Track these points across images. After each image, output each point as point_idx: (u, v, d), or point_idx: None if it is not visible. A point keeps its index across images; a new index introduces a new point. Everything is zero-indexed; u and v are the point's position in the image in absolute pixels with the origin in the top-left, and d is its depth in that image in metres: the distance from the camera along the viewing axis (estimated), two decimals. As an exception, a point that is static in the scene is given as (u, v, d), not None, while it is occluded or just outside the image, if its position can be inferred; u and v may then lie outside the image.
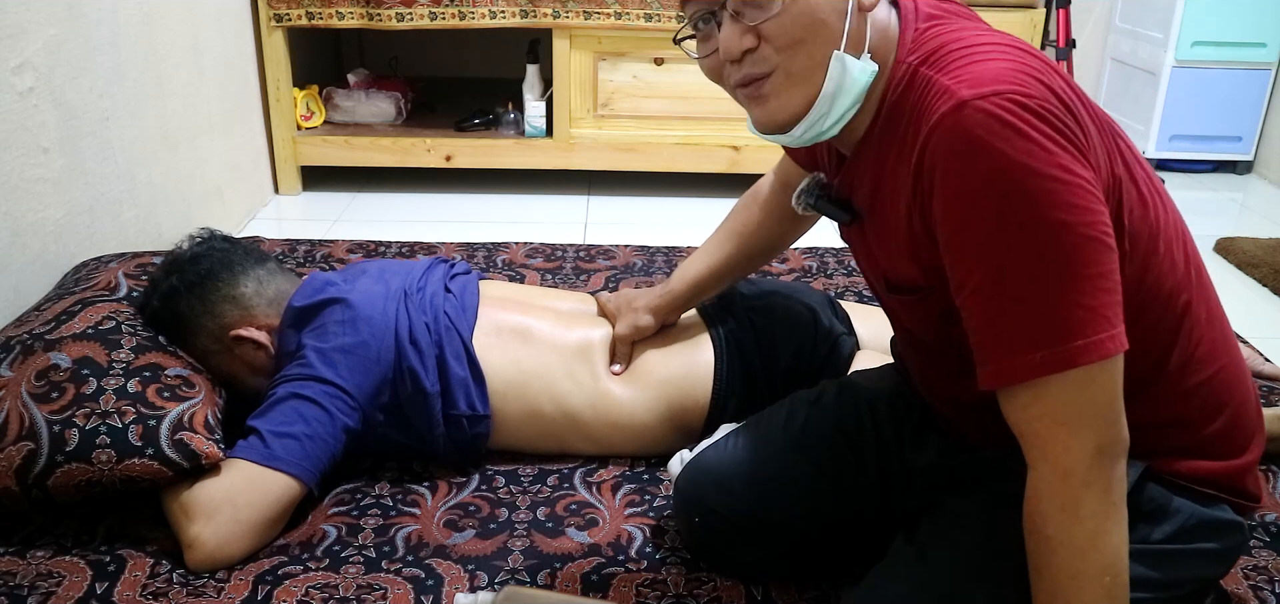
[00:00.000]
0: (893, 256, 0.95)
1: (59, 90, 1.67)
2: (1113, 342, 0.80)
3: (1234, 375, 0.98)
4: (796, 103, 0.89)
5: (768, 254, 1.44)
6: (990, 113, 0.78)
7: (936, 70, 0.86)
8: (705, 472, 1.21)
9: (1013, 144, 0.78)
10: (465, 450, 1.38)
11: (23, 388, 1.20)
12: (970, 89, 0.80)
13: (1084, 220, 0.79)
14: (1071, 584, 0.83)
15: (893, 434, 1.15)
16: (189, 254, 1.38)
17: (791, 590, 1.18)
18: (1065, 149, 0.79)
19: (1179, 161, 3.21)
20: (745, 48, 0.88)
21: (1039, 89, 0.80)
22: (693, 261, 1.43)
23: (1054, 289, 0.79)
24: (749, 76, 0.90)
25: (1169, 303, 0.91)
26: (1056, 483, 0.83)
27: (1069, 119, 0.81)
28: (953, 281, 0.86)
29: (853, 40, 0.88)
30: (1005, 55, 0.84)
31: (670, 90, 2.69)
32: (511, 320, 1.41)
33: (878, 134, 0.92)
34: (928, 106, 0.84)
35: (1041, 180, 0.78)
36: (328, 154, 2.71)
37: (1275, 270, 2.29)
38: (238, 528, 1.18)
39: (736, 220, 1.41)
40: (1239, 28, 3.01)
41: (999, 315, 0.82)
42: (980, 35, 0.88)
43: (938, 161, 0.82)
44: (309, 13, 2.54)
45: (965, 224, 0.82)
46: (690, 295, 1.43)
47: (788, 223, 1.38)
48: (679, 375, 1.40)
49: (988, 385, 0.84)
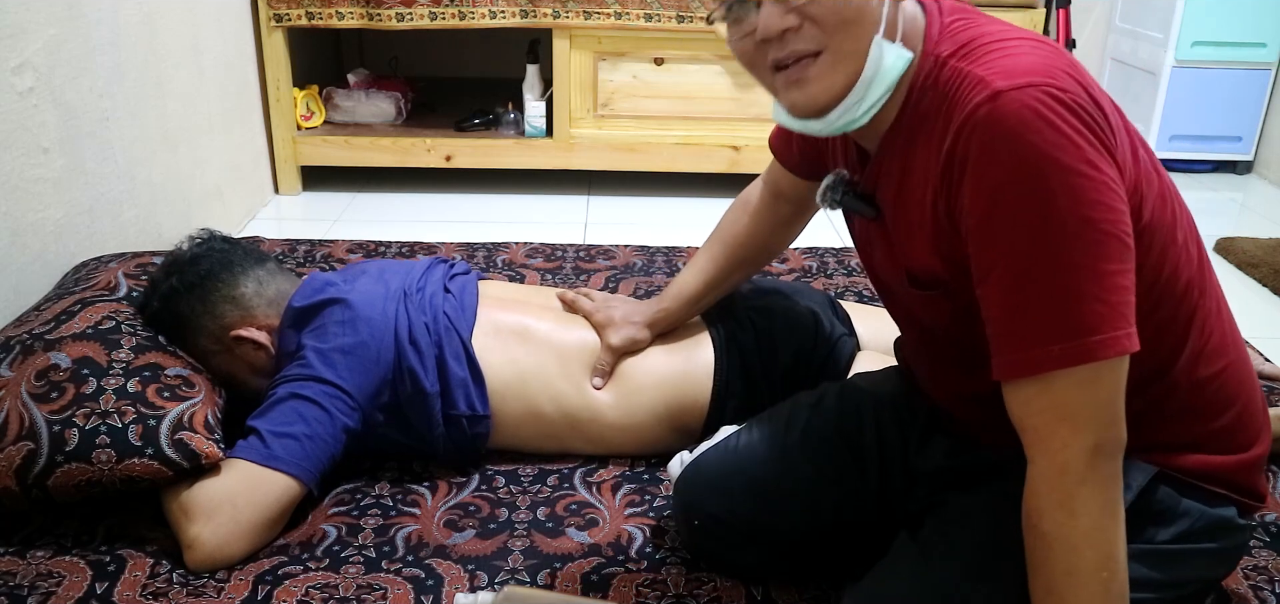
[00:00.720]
0: (916, 250, 0.94)
1: (59, 90, 1.67)
2: (1126, 340, 0.80)
3: (1242, 370, 0.98)
4: (839, 85, 0.88)
5: (759, 263, 1.44)
6: (1025, 103, 0.79)
7: (968, 62, 0.85)
8: (705, 475, 1.21)
9: (1044, 136, 0.78)
10: (465, 450, 1.38)
11: (23, 388, 1.20)
12: (1006, 80, 0.80)
13: (1108, 218, 0.79)
14: (1068, 580, 0.84)
15: (896, 438, 1.14)
16: (189, 255, 1.38)
17: (791, 591, 1.18)
18: (1094, 145, 0.80)
19: (1179, 161, 3.21)
20: (786, 27, 0.87)
21: (1072, 84, 0.81)
22: (686, 277, 1.42)
23: (1075, 283, 0.80)
24: (795, 53, 0.88)
25: (1183, 296, 0.92)
26: (1053, 478, 0.83)
27: (1099, 115, 0.81)
28: (975, 272, 0.86)
29: (889, 27, 0.88)
30: (1035, 50, 0.84)
31: (670, 90, 2.69)
32: (510, 320, 1.41)
33: (906, 125, 0.92)
34: (961, 97, 0.84)
35: (1069, 174, 0.78)
36: (328, 154, 2.71)
37: (1275, 270, 2.30)
38: (237, 528, 1.18)
39: (727, 230, 1.41)
40: (1239, 28, 3.01)
41: (1018, 307, 0.82)
42: (1008, 31, 0.88)
43: (971, 150, 0.82)
44: (309, 13, 2.54)
45: (991, 213, 0.82)
46: (684, 313, 1.43)
47: (779, 232, 1.38)
48: (679, 376, 1.40)
49: (1001, 376, 0.85)
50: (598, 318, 1.42)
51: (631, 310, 1.42)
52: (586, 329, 1.43)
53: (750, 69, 0.94)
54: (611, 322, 1.41)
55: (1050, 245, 0.80)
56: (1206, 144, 3.18)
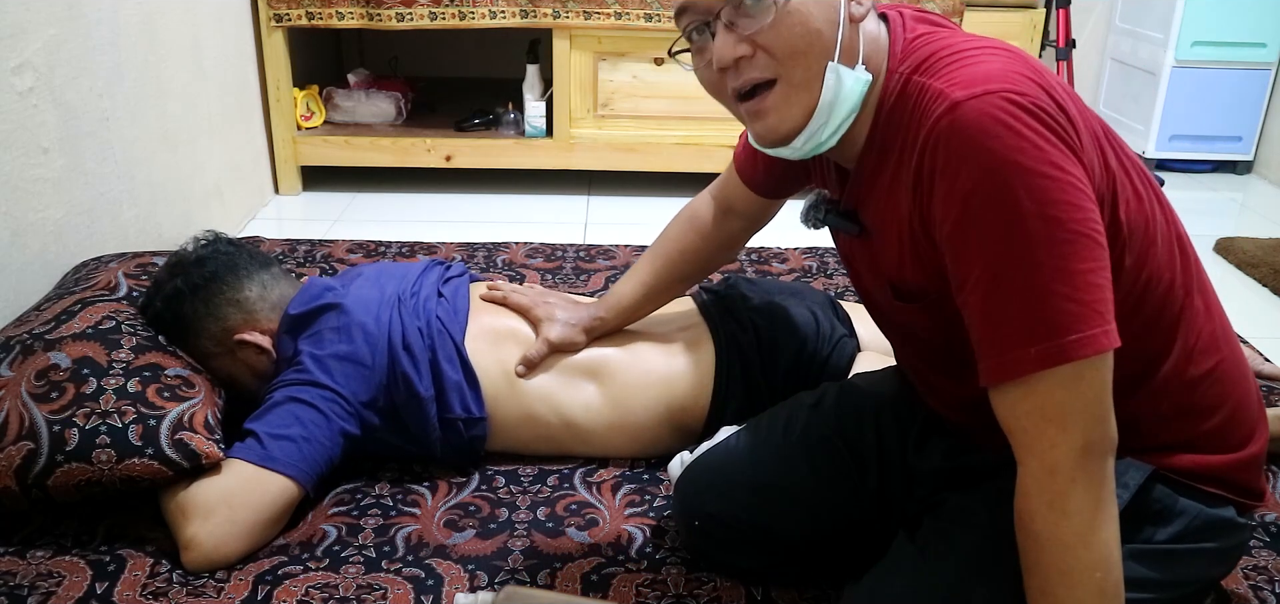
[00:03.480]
0: (898, 263, 0.95)
1: (59, 90, 1.67)
2: (1105, 337, 0.80)
3: (1234, 368, 0.98)
4: (797, 115, 0.90)
5: (699, 278, 1.45)
6: (983, 110, 0.79)
7: (929, 76, 0.87)
8: (706, 475, 1.21)
9: (1005, 140, 0.79)
10: (464, 453, 1.38)
11: (23, 388, 1.20)
12: (963, 90, 0.81)
13: (1075, 216, 0.80)
14: (1062, 581, 0.84)
15: (895, 438, 1.14)
16: (194, 256, 1.38)
17: (791, 592, 1.18)
18: (1057, 146, 0.80)
19: (1179, 161, 3.21)
20: (739, 55, 0.89)
21: (1031, 87, 0.81)
22: (625, 288, 1.42)
23: (1045, 284, 0.80)
24: (748, 82, 0.90)
25: (1167, 297, 0.92)
26: (1043, 479, 0.83)
27: (1061, 116, 0.82)
28: (953, 282, 0.86)
29: (846, 51, 0.89)
30: (995, 57, 0.85)
31: (670, 90, 2.69)
32: (502, 324, 1.41)
33: (878, 143, 0.93)
34: (923, 111, 0.85)
35: (1033, 177, 0.79)
36: (328, 154, 2.71)
37: (1275, 270, 2.29)
38: (234, 528, 1.18)
39: (671, 244, 1.41)
40: (1239, 28, 3.01)
41: (995, 312, 0.83)
42: (969, 41, 0.89)
43: (937, 163, 0.83)
44: (309, 13, 2.54)
45: (961, 222, 0.83)
46: (620, 323, 1.43)
47: (725, 248, 1.39)
48: (679, 377, 1.40)
49: (987, 382, 0.85)
50: (537, 312, 1.42)
51: (570, 314, 1.42)
52: None
53: (717, 97, 0.96)
54: (551, 318, 1.41)
55: (1019, 249, 0.80)
56: (1206, 144, 3.18)
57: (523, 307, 1.44)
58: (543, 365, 1.38)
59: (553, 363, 1.39)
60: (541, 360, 1.38)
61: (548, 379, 1.38)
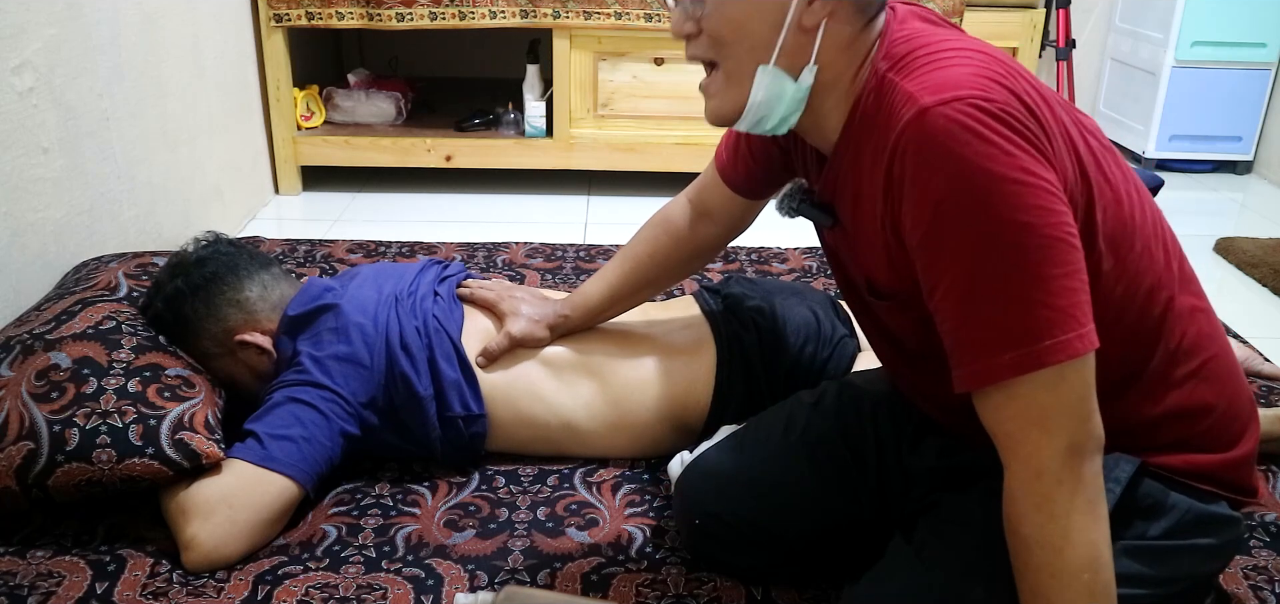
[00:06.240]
0: (872, 260, 0.95)
1: (59, 90, 1.67)
2: (1081, 341, 0.80)
3: (1224, 368, 0.98)
4: (728, 106, 0.93)
5: (668, 285, 1.44)
6: (951, 118, 0.79)
7: (902, 76, 0.86)
8: (706, 475, 1.22)
9: (974, 148, 0.79)
10: (464, 452, 1.38)
11: (23, 388, 1.20)
12: (932, 95, 0.81)
13: (1046, 221, 0.80)
14: (1052, 582, 0.84)
15: (892, 437, 1.15)
16: (194, 256, 1.38)
17: (791, 592, 1.18)
18: (1026, 151, 0.80)
19: (1179, 161, 3.21)
20: (686, 32, 0.93)
21: (1000, 93, 0.81)
22: (593, 289, 1.42)
23: (1020, 290, 0.80)
24: (693, 58, 0.94)
25: (1150, 298, 0.92)
26: (1030, 482, 0.83)
27: (1031, 121, 0.82)
28: (924, 287, 0.86)
29: (789, 53, 0.89)
30: (969, 60, 0.84)
31: (670, 90, 2.69)
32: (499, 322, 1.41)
33: (854, 137, 0.93)
34: (893, 112, 0.85)
35: (1003, 183, 0.79)
36: (328, 154, 2.71)
37: (1275, 270, 2.29)
38: (234, 528, 1.18)
39: (642, 249, 1.40)
40: (1239, 28, 3.01)
41: (968, 319, 0.83)
42: (946, 41, 0.89)
43: (907, 170, 0.83)
44: (309, 13, 2.54)
45: (931, 230, 0.83)
46: (585, 324, 1.43)
47: (697, 256, 1.38)
48: (680, 376, 1.40)
49: (962, 388, 0.85)
50: (503, 306, 1.42)
51: (534, 309, 1.41)
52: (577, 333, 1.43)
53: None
54: (517, 313, 1.40)
55: (991, 256, 0.80)
56: (1206, 144, 3.18)
57: (489, 301, 1.44)
58: (528, 369, 1.38)
59: (541, 365, 1.39)
60: (501, 354, 1.38)
61: (537, 378, 1.38)
